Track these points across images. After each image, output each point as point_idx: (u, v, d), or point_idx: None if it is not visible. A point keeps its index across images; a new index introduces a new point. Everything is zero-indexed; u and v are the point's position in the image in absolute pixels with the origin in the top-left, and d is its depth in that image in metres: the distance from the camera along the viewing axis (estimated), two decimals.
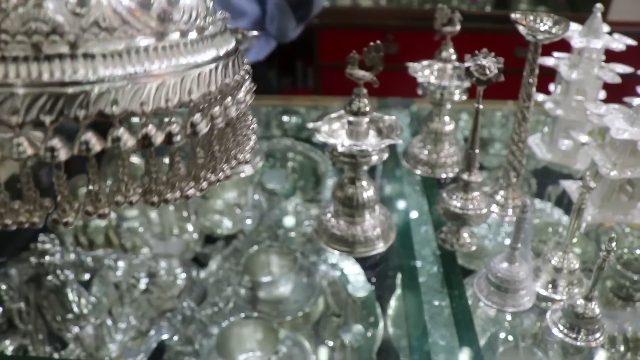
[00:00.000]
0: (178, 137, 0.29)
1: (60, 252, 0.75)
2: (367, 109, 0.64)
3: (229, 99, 0.33)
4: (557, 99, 0.87)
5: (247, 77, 0.38)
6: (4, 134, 0.26)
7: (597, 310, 0.55)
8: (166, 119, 0.29)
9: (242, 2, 1.24)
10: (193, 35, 0.32)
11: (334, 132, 0.67)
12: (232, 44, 0.37)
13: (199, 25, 0.33)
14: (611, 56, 0.81)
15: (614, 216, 0.72)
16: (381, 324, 0.72)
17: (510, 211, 0.77)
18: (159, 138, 0.28)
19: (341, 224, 0.69)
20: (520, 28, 0.65)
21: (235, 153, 0.36)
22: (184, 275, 0.81)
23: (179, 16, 0.31)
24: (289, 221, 0.92)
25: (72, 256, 0.76)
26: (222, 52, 0.34)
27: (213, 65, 0.32)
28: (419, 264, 0.71)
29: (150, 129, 0.28)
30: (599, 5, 0.78)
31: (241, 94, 0.35)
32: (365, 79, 0.62)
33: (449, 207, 0.69)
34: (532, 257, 0.65)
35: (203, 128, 0.30)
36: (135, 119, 0.29)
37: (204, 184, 0.33)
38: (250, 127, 0.40)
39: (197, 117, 0.30)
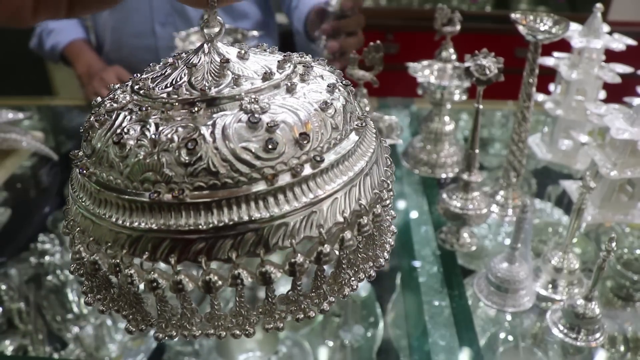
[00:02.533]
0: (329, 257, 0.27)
1: (60, 252, 0.75)
2: (367, 109, 0.64)
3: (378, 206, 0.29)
4: (557, 99, 0.87)
5: (391, 166, 0.33)
6: None
7: (597, 311, 0.55)
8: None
9: (243, 5, 1.24)
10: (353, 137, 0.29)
11: None
12: (373, 137, 0.32)
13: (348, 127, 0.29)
14: (611, 56, 0.81)
15: (614, 216, 0.72)
16: (381, 324, 0.72)
17: (510, 211, 0.77)
18: (331, 255, 0.27)
19: None
20: (520, 28, 0.65)
21: (378, 253, 0.32)
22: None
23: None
24: None
25: None
26: (369, 153, 0.30)
27: (365, 172, 0.29)
28: (418, 264, 0.71)
29: (325, 247, 0.27)
30: (599, 5, 0.78)
31: (385, 194, 0.30)
32: (365, 79, 0.62)
33: (449, 207, 0.69)
34: (532, 257, 0.65)
35: (351, 243, 0.28)
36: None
37: (346, 291, 0.30)
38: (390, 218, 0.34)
39: (347, 234, 0.27)
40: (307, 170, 0.26)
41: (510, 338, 0.67)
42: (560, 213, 0.85)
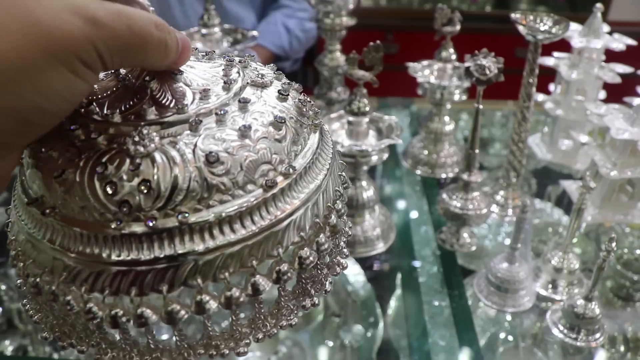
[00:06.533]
0: (261, 289, 0.27)
1: None
2: (367, 109, 0.64)
3: (322, 236, 0.28)
4: (557, 99, 0.87)
5: (344, 190, 0.31)
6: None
7: (597, 311, 0.55)
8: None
9: (237, 10, 1.25)
10: (293, 177, 0.27)
11: (334, 132, 0.67)
12: (327, 161, 0.29)
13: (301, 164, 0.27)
14: (611, 56, 0.81)
15: (614, 216, 0.72)
16: (381, 324, 0.72)
17: (510, 211, 0.77)
18: (241, 298, 0.26)
19: None
20: (520, 28, 0.65)
21: (312, 293, 0.31)
22: None
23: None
24: None
25: None
26: (320, 178, 0.28)
27: (314, 199, 0.27)
28: (418, 264, 0.71)
29: (235, 291, 0.26)
30: (599, 5, 0.78)
31: (326, 234, 0.28)
32: (365, 79, 0.62)
33: (449, 207, 0.69)
34: (532, 257, 0.65)
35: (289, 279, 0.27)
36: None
37: (260, 336, 0.29)
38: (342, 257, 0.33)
39: (284, 266, 0.26)
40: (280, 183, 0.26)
41: (510, 338, 0.67)
42: (560, 213, 0.85)
